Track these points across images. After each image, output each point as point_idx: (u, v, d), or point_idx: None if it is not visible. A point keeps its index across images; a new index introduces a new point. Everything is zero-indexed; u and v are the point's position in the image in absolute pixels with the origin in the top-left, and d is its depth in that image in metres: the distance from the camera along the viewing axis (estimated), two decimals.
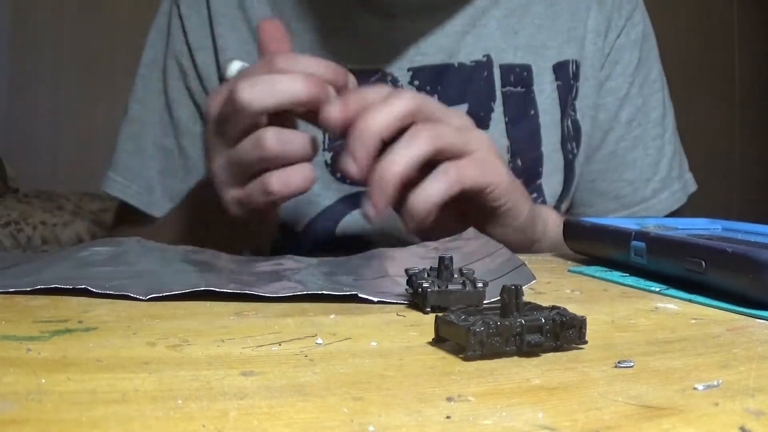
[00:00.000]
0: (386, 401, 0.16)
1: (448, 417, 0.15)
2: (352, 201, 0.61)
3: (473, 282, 0.27)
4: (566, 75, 0.64)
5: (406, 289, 0.28)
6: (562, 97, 0.63)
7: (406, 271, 0.28)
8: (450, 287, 0.27)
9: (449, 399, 0.17)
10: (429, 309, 0.26)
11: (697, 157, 0.79)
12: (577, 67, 0.65)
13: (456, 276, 0.28)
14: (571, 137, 0.64)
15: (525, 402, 0.16)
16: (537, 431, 0.15)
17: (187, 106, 0.63)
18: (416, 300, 0.27)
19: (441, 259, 0.28)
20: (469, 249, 0.41)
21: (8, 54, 2.37)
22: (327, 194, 0.61)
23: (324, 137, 0.61)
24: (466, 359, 0.20)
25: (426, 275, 0.28)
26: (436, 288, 0.26)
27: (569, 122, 0.64)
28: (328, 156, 0.61)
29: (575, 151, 0.64)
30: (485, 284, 0.27)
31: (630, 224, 0.39)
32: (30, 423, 0.14)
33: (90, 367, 0.18)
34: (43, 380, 0.17)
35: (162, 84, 0.64)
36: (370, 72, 0.62)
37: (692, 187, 0.68)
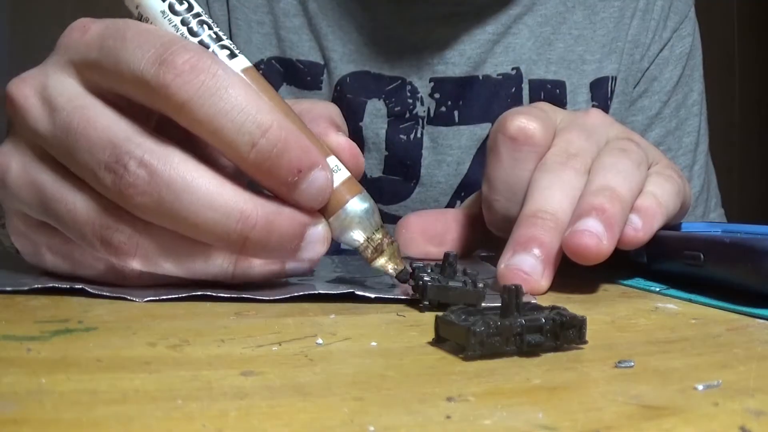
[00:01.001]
0: (386, 401, 0.16)
1: (448, 417, 0.15)
2: None
3: (474, 282, 0.27)
4: (604, 93, 0.59)
5: (409, 283, 0.28)
6: None
7: (411, 264, 0.28)
8: (450, 284, 0.27)
9: (449, 399, 0.17)
10: (427, 303, 0.26)
11: None
12: (615, 84, 0.59)
13: (459, 275, 0.28)
14: None
15: (525, 402, 0.16)
16: (537, 431, 0.15)
17: None
18: (417, 293, 0.27)
19: (446, 255, 0.28)
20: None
21: (8, 54, 2.37)
22: None
23: None
24: (466, 359, 0.20)
25: (429, 270, 0.28)
26: (437, 283, 0.26)
27: None
28: None
29: None
30: (486, 285, 0.27)
31: None
32: (30, 423, 0.14)
33: (90, 367, 0.18)
34: (43, 380, 0.17)
35: None
36: (389, 79, 0.58)
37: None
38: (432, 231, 0.41)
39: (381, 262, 0.29)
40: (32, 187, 0.27)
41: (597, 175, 0.33)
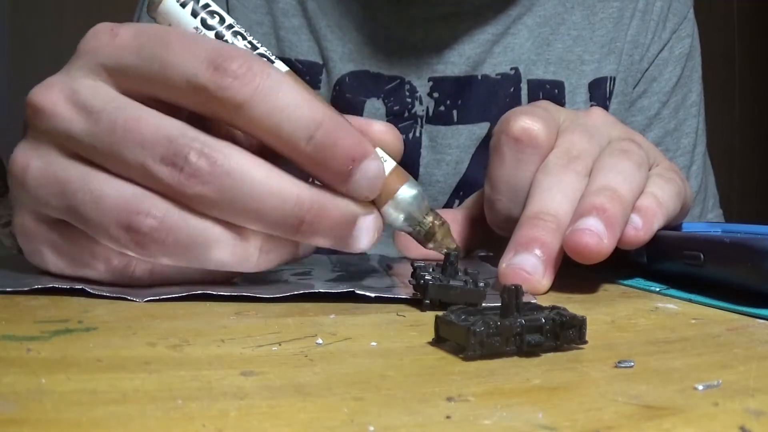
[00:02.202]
0: (386, 401, 0.16)
1: (448, 417, 0.15)
2: None
3: (475, 281, 0.27)
4: (602, 94, 0.59)
5: (410, 281, 0.28)
6: None
7: (412, 263, 0.28)
8: (452, 283, 0.27)
9: (449, 399, 0.17)
10: (428, 302, 0.26)
11: None
12: (614, 84, 0.60)
13: (460, 274, 0.28)
14: None
15: (525, 402, 0.16)
16: (537, 431, 0.15)
17: None
18: (418, 292, 0.27)
19: (447, 255, 0.28)
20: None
21: (8, 54, 2.37)
22: None
23: None
24: (466, 359, 0.20)
25: (430, 269, 0.28)
26: (438, 282, 0.26)
27: None
28: None
29: None
30: (487, 285, 0.27)
31: None
32: (30, 423, 0.14)
33: (90, 367, 0.18)
34: (43, 380, 0.17)
35: None
36: (388, 78, 0.58)
37: None
38: None
39: (433, 244, 0.30)
40: (55, 182, 0.27)
41: (598, 176, 0.33)
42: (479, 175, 0.51)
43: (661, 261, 0.34)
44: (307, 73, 0.59)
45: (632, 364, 0.20)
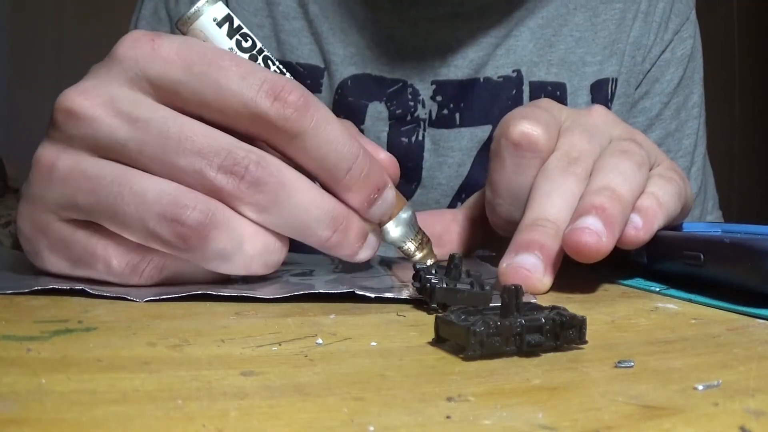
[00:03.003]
0: (386, 401, 0.16)
1: (448, 417, 0.15)
2: None
3: (481, 284, 0.27)
4: (604, 95, 0.59)
5: (412, 284, 0.28)
6: None
7: (414, 266, 0.28)
8: (458, 286, 0.26)
9: (449, 399, 0.17)
10: (435, 305, 0.26)
11: None
12: (616, 86, 0.60)
13: (464, 276, 0.27)
14: None
15: (525, 402, 0.16)
16: (537, 431, 0.15)
17: None
18: (422, 296, 0.27)
19: (451, 257, 0.28)
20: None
21: (8, 54, 2.37)
22: None
23: None
24: (466, 359, 0.20)
25: (434, 271, 0.27)
26: (444, 285, 0.26)
27: None
28: None
29: None
30: (493, 287, 0.27)
31: None
32: (30, 423, 0.14)
33: (90, 367, 0.18)
34: (43, 380, 0.17)
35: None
36: (390, 81, 0.58)
37: None
38: (431, 232, 0.41)
39: (419, 256, 0.35)
40: (85, 179, 0.27)
41: (598, 176, 0.33)
42: (482, 178, 0.51)
43: (661, 261, 0.34)
44: (308, 76, 0.59)
45: (632, 364, 0.20)
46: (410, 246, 0.34)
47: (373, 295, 0.28)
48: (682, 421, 0.15)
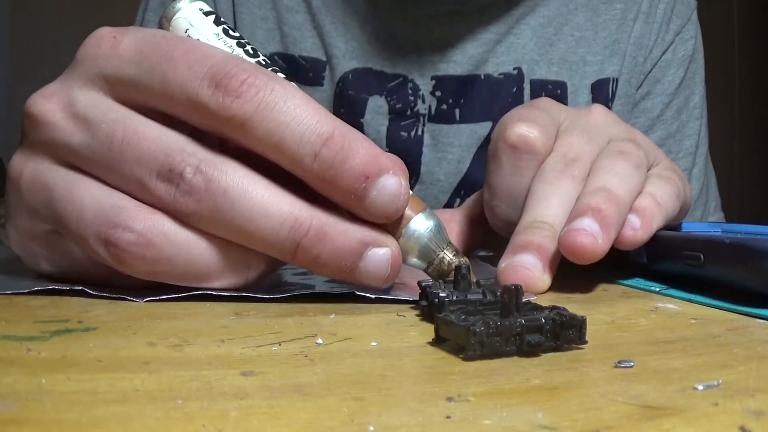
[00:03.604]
0: (386, 401, 0.16)
1: (448, 417, 0.15)
2: None
3: (493, 292, 0.26)
4: (604, 95, 0.60)
5: (420, 302, 0.26)
6: None
7: (419, 283, 0.26)
8: (470, 297, 0.25)
9: (449, 399, 0.17)
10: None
11: None
12: (617, 85, 0.60)
13: (473, 287, 0.26)
14: None
15: (525, 402, 0.16)
16: (537, 431, 0.15)
17: None
18: (434, 311, 0.25)
19: (458, 268, 0.26)
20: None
21: (8, 54, 2.37)
22: None
23: None
24: (466, 359, 0.20)
25: (442, 286, 0.26)
26: (455, 298, 0.25)
27: None
28: None
29: None
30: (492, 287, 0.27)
31: None
32: (30, 423, 0.14)
33: (90, 367, 0.18)
34: (43, 380, 0.17)
35: None
36: (391, 76, 0.58)
37: None
38: None
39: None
40: (44, 191, 0.27)
41: (594, 177, 0.33)
42: (481, 175, 0.51)
43: (661, 261, 0.34)
44: (310, 69, 0.59)
45: (632, 364, 0.20)
46: (431, 269, 0.27)
47: (373, 296, 0.28)
48: (682, 421, 0.15)
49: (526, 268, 0.30)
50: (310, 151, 0.25)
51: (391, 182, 0.25)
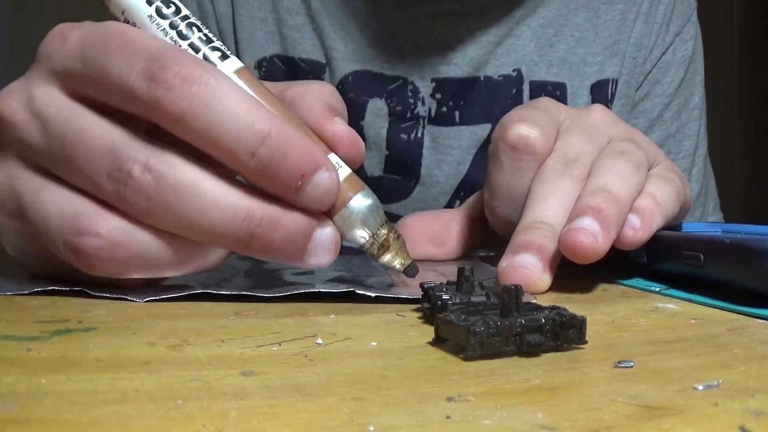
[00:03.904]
0: (386, 401, 0.16)
1: (448, 417, 0.15)
2: None
3: (496, 293, 0.25)
4: (604, 96, 0.60)
5: (422, 305, 0.26)
6: None
7: (422, 285, 0.26)
8: (473, 299, 0.25)
9: (449, 399, 0.17)
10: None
11: None
12: (616, 86, 0.60)
13: (476, 289, 0.26)
14: None
15: (525, 402, 0.16)
16: (537, 431, 0.15)
17: None
18: (436, 313, 0.25)
19: (461, 270, 0.26)
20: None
21: (8, 54, 2.37)
22: None
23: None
24: (466, 359, 0.20)
25: (444, 288, 0.26)
26: (458, 301, 0.25)
27: None
28: None
29: None
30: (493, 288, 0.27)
31: None
32: (30, 423, 0.14)
33: (90, 367, 0.18)
34: (43, 380, 0.17)
35: None
36: (391, 78, 0.58)
37: None
38: (431, 232, 0.41)
39: (387, 258, 0.29)
40: (13, 197, 0.27)
41: (594, 177, 0.33)
42: (480, 176, 0.51)
43: (661, 261, 0.34)
44: (310, 71, 0.59)
45: (632, 364, 0.20)
46: (369, 244, 0.28)
47: (373, 295, 0.28)
48: (682, 421, 0.15)
49: (527, 267, 0.30)
50: (247, 149, 0.25)
51: (324, 177, 0.26)
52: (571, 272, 0.32)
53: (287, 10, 0.60)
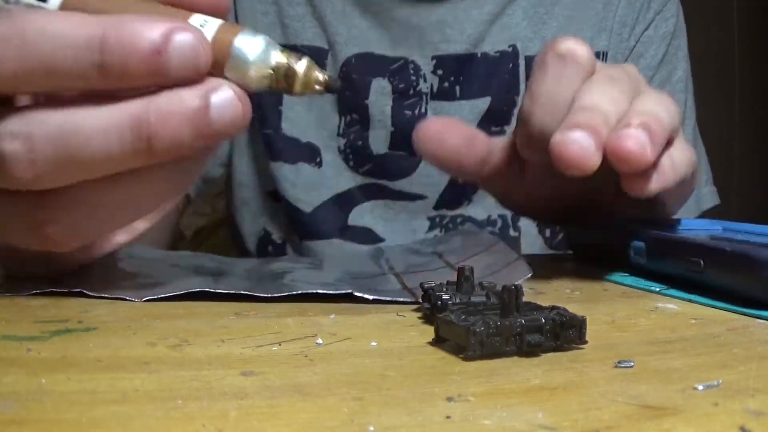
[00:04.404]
0: (386, 401, 0.16)
1: (448, 417, 0.15)
2: (367, 191, 0.60)
3: (496, 293, 0.25)
4: None
5: (423, 305, 0.26)
6: None
7: (421, 285, 0.26)
8: (473, 299, 0.25)
9: (449, 399, 0.17)
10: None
11: None
12: (606, 59, 0.63)
13: (476, 289, 0.26)
14: None
15: (525, 402, 0.16)
16: (537, 431, 0.15)
17: None
18: (436, 313, 0.24)
19: (461, 270, 0.26)
20: (464, 244, 0.40)
21: None
22: (340, 181, 0.60)
23: (340, 121, 0.60)
24: (466, 359, 0.20)
25: (444, 288, 0.26)
26: (458, 301, 0.25)
27: None
28: (342, 142, 0.60)
29: None
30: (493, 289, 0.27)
31: (631, 224, 0.39)
32: (30, 423, 0.14)
33: (90, 367, 0.18)
34: (43, 380, 0.17)
35: None
36: (393, 59, 0.61)
37: (709, 201, 0.65)
38: (463, 131, 0.40)
39: (300, 83, 0.26)
40: None
41: (639, 102, 0.34)
42: None
43: (661, 264, 0.34)
44: (311, 57, 0.60)
45: (632, 364, 0.20)
46: (273, 80, 0.25)
47: (371, 297, 0.28)
48: (682, 421, 0.15)
49: (580, 144, 0.30)
50: (90, 65, 0.22)
51: (182, 39, 0.23)
52: (571, 272, 0.32)
53: (288, 1, 0.62)
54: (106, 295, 0.27)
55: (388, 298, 0.28)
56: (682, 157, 0.35)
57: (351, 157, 0.61)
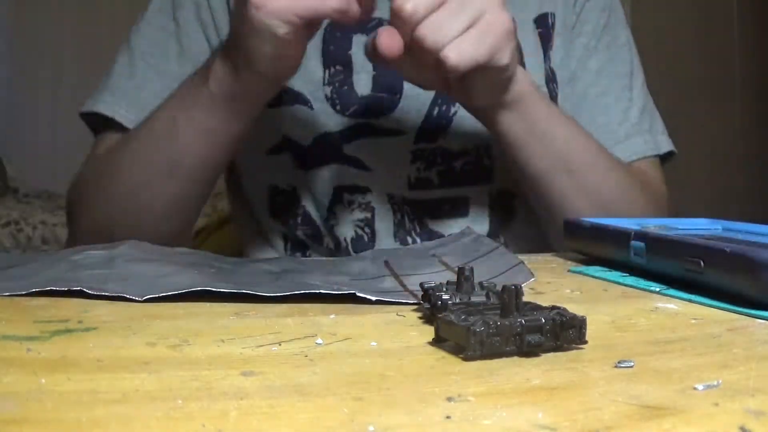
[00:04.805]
0: (386, 401, 0.16)
1: (448, 417, 0.15)
2: (356, 130, 0.64)
3: (496, 293, 0.25)
4: (546, 25, 0.69)
5: (423, 305, 0.26)
6: (543, 42, 0.67)
7: (422, 285, 0.26)
8: (473, 299, 0.25)
9: (449, 399, 0.17)
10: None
11: (698, 157, 0.78)
12: (554, 19, 0.69)
13: (477, 289, 0.26)
14: (551, 79, 0.67)
15: (525, 402, 0.16)
16: (537, 431, 0.15)
17: (198, 39, 0.64)
18: (436, 313, 0.24)
19: (461, 270, 0.26)
20: (464, 248, 0.40)
21: (8, 54, 2.37)
22: (329, 124, 0.64)
23: (324, 73, 0.63)
24: (466, 359, 0.20)
25: (444, 289, 0.26)
26: (458, 301, 0.25)
27: (549, 65, 0.67)
28: (327, 90, 0.64)
29: (556, 91, 0.67)
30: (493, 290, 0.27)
31: (630, 224, 0.39)
32: (30, 423, 0.14)
33: (90, 367, 0.18)
34: (43, 380, 0.17)
35: (171, 15, 0.64)
36: (366, 20, 0.66)
37: (666, 146, 0.69)
38: None
39: None
40: None
41: None
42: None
43: (661, 264, 0.34)
44: None
45: (632, 364, 0.20)
46: None
47: (374, 298, 0.28)
48: (682, 421, 0.15)
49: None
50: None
51: None
52: (572, 272, 0.32)
53: None
54: (107, 294, 0.27)
55: (390, 299, 0.28)
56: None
57: (338, 101, 0.65)
